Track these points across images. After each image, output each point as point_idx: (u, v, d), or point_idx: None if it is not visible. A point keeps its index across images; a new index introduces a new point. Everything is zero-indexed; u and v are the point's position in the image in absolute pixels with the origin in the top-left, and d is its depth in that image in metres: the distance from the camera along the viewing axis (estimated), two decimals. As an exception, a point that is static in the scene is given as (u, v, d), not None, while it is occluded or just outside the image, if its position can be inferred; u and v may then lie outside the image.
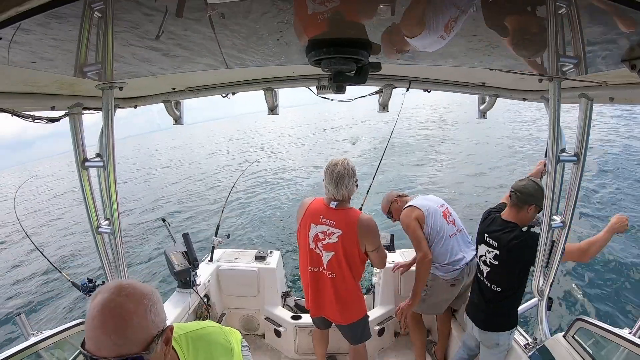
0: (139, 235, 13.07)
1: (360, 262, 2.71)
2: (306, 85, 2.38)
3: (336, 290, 2.73)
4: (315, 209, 2.73)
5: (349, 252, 2.62)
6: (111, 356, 0.97)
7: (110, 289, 1.03)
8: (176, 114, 2.65)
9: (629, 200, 10.25)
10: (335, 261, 2.65)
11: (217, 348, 1.38)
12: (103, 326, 0.98)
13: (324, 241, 2.65)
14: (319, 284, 2.79)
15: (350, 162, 2.64)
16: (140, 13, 0.97)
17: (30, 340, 1.97)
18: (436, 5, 0.98)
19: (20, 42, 0.98)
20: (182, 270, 3.42)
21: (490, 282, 2.70)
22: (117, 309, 1.00)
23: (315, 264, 2.75)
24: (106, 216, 1.90)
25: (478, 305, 2.85)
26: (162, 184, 23.88)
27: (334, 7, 0.99)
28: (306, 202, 2.83)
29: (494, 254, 2.64)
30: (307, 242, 2.74)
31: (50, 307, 8.70)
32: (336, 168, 2.58)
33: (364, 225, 2.57)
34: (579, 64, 1.17)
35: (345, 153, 23.56)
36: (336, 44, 1.26)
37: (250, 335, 4.21)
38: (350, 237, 2.59)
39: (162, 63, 1.44)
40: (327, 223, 2.63)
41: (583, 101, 1.87)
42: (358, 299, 2.82)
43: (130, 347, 0.99)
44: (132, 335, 1.00)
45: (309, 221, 2.71)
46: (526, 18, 1.04)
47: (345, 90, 1.73)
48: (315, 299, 2.86)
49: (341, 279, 2.69)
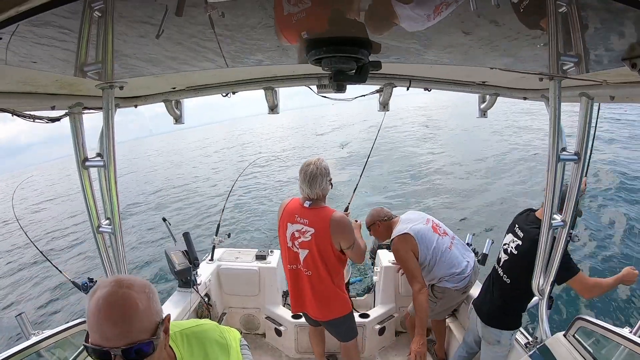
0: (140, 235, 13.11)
1: (337, 260, 2.75)
2: (306, 84, 2.38)
3: (313, 287, 2.80)
4: (291, 208, 2.80)
5: (322, 250, 2.68)
6: (121, 345, 0.98)
7: (110, 283, 1.03)
8: (176, 113, 2.65)
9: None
10: (310, 259, 2.72)
11: (212, 345, 1.39)
12: (110, 317, 0.98)
13: (299, 239, 2.72)
14: (298, 281, 2.86)
15: (324, 162, 2.70)
16: (140, 12, 0.97)
17: (31, 339, 1.97)
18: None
19: (20, 41, 0.98)
20: (182, 269, 3.42)
21: (503, 271, 2.74)
22: (121, 299, 1.00)
23: (294, 261, 2.82)
24: (107, 216, 1.90)
25: (485, 297, 2.87)
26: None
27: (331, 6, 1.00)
28: (285, 202, 2.90)
29: (517, 244, 2.68)
30: (285, 241, 2.81)
31: (51, 307, 8.71)
32: (309, 168, 2.64)
33: (336, 224, 2.63)
34: (580, 62, 1.16)
35: (336, 154, 23.98)
36: (336, 43, 1.26)
37: (251, 334, 4.21)
38: (323, 235, 2.64)
39: (163, 62, 1.44)
40: (301, 222, 2.70)
41: (583, 100, 1.86)
42: (337, 295, 2.85)
43: (138, 335, 1.01)
44: (139, 323, 1.01)
45: (286, 220, 2.79)
46: (527, 17, 1.04)
47: (346, 89, 1.73)
48: (295, 295, 2.95)
49: (317, 276, 2.75)
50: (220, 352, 1.40)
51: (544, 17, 0.99)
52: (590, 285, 2.54)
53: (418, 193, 13.92)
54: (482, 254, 3.50)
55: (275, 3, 1.00)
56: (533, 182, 13.02)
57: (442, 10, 1.01)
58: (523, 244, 2.64)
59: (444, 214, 10.39)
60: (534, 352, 2.33)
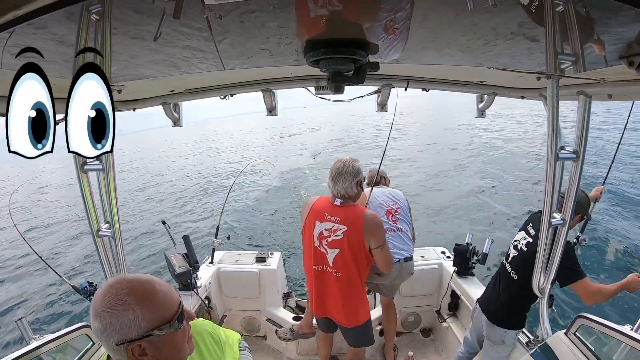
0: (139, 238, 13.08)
1: (366, 260, 2.65)
2: (305, 86, 2.38)
3: (341, 289, 2.68)
4: (320, 206, 2.69)
5: (355, 249, 2.58)
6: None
7: (114, 280, 1.02)
8: (175, 116, 2.64)
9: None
10: (341, 259, 2.61)
11: (204, 338, 1.38)
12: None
13: (328, 238, 2.61)
14: (324, 283, 2.74)
15: (356, 164, 2.61)
16: (138, 15, 0.98)
17: (32, 344, 1.96)
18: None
19: (17, 45, 0.98)
20: (182, 272, 3.40)
21: (511, 267, 2.74)
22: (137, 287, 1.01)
23: (320, 262, 2.70)
24: (106, 219, 1.90)
25: (491, 296, 2.86)
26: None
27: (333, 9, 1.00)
28: (311, 200, 2.79)
29: (527, 241, 2.70)
30: (311, 241, 2.70)
31: (50, 311, 8.69)
32: (337, 165, 2.60)
33: (369, 221, 2.54)
34: (577, 61, 1.17)
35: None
36: (334, 45, 1.26)
37: (251, 336, 4.20)
38: (355, 233, 2.55)
39: (161, 65, 1.44)
40: (332, 220, 2.60)
41: (581, 98, 1.87)
42: (362, 301, 2.77)
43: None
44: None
45: (314, 219, 2.68)
46: (524, 16, 1.04)
47: (344, 91, 1.74)
48: (319, 298, 2.81)
49: (347, 278, 2.64)
50: (214, 346, 1.40)
51: (542, 15, 1.00)
52: (593, 291, 2.53)
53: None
54: (482, 254, 3.50)
55: (299, 4, 1.01)
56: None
57: (394, 26, 1.03)
58: (534, 241, 2.64)
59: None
60: (536, 351, 2.33)
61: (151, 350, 1.01)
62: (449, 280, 3.77)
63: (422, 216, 10.83)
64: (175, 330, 1.04)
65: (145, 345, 1.00)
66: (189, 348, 1.13)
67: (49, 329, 7.38)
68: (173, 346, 1.06)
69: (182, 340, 1.09)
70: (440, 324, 3.86)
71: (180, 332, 1.07)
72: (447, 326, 3.77)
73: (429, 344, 3.98)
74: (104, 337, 0.98)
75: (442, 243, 4.91)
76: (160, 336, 1.01)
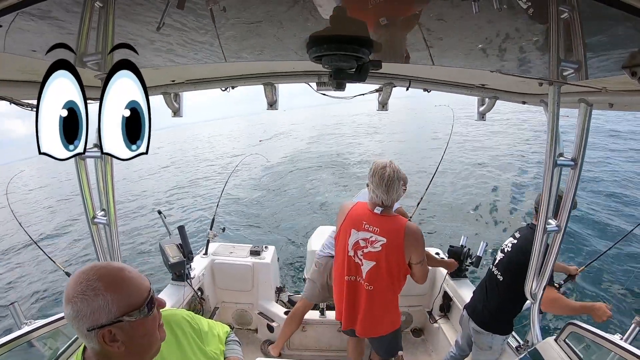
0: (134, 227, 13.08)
1: (403, 276, 2.49)
2: (306, 81, 2.37)
3: (371, 303, 2.51)
4: (357, 214, 2.51)
5: (392, 263, 2.40)
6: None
7: (86, 267, 1.03)
8: (175, 106, 2.63)
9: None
10: (375, 272, 2.43)
11: (181, 327, 1.39)
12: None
13: (365, 249, 2.44)
14: (356, 294, 2.56)
15: (397, 166, 2.41)
16: (142, 4, 0.97)
17: (23, 329, 1.96)
18: None
19: (20, 29, 0.97)
20: (176, 262, 3.41)
21: (498, 269, 2.78)
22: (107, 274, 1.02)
23: (353, 272, 2.52)
24: (102, 207, 1.89)
25: (478, 300, 2.88)
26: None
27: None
28: (347, 206, 2.62)
29: (512, 243, 2.76)
30: (345, 249, 2.53)
31: (43, 297, 8.69)
32: (386, 171, 2.35)
33: (412, 235, 2.37)
34: (580, 69, 1.17)
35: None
36: (337, 41, 1.26)
37: (243, 329, 4.21)
38: (396, 247, 2.37)
39: (163, 55, 1.44)
40: (371, 230, 2.42)
41: (582, 106, 1.87)
42: (391, 313, 2.61)
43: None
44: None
45: (350, 227, 2.50)
46: (529, 22, 1.04)
47: (345, 88, 1.73)
48: (349, 310, 2.62)
49: (378, 292, 2.48)
50: (193, 335, 1.41)
51: (546, 22, 0.99)
52: (552, 298, 2.49)
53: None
54: (477, 257, 3.51)
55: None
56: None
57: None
58: (518, 241, 2.71)
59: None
60: (525, 356, 2.34)
61: (122, 336, 1.02)
62: (441, 281, 3.79)
63: (415, 216, 10.85)
64: (145, 317, 1.05)
65: (115, 331, 1.01)
66: (160, 336, 1.14)
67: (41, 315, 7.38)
68: (144, 333, 1.07)
69: (152, 327, 1.10)
70: (432, 325, 3.88)
71: (151, 319, 1.08)
72: (438, 327, 3.78)
73: (420, 344, 4.00)
74: (76, 323, 0.99)
75: (436, 244, 4.93)
76: (131, 322, 1.02)
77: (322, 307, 3.76)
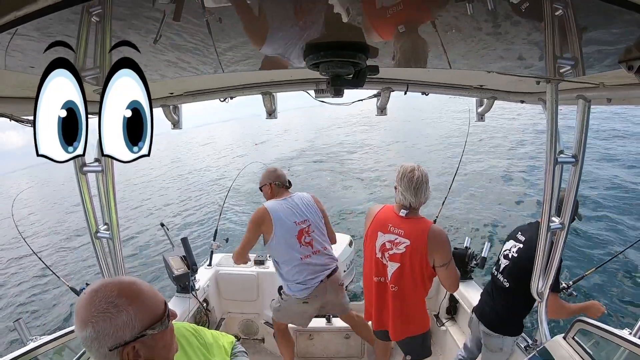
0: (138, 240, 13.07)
1: (427, 278, 2.52)
2: (304, 89, 2.38)
3: (396, 304, 2.56)
4: (384, 216, 2.58)
5: (416, 265, 2.44)
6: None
7: (98, 285, 1.00)
8: (174, 118, 2.64)
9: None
10: (399, 273, 2.48)
11: (187, 338, 1.38)
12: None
13: (390, 251, 2.49)
14: (384, 295, 2.63)
15: (424, 169, 2.48)
16: (138, 18, 0.98)
17: (29, 345, 1.95)
18: None
19: (17, 46, 0.98)
20: (181, 275, 3.40)
21: (503, 276, 2.73)
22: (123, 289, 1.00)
23: (381, 274, 2.59)
24: (105, 221, 1.89)
25: (486, 304, 2.86)
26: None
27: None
28: (375, 209, 2.69)
29: (518, 248, 2.70)
30: (373, 251, 2.59)
31: (48, 312, 8.67)
32: (414, 174, 2.40)
33: (435, 237, 2.41)
34: (577, 65, 1.17)
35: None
36: (334, 48, 1.26)
37: (249, 339, 4.19)
38: (418, 249, 2.41)
39: (160, 68, 1.44)
40: (396, 232, 2.48)
41: (581, 102, 1.87)
42: (418, 315, 2.64)
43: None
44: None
45: (377, 229, 2.57)
46: (523, 20, 1.05)
47: (344, 94, 1.74)
48: (379, 311, 2.70)
49: (402, 293, 2.52)
50: (200, 346, 1.39)
51: (541, 20, 1.00)
52: (558, 307, 2.59)
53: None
54: (481, 258, 3.49)
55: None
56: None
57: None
58: (524, 246, 2.64)
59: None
60: (534, 355, 2.32)
61: (144, 351, 1.00)
62: None
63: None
64: (165, 329, 1.04)
65: (138, 347, 0.99)
66: (175, 347, 1.14)
67: (47, 331, 7.36)
68: (163, 345, 1.06)
69: (170, 338, 1.09)
70: (439, 328, 3.85)
71: (169, 330, 1.07)
72: (445, 330, 3.76)
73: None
74: (96, 344, 0.95)
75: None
76: (153, 335, 1.01)
77: (329, 315, 3.74)
